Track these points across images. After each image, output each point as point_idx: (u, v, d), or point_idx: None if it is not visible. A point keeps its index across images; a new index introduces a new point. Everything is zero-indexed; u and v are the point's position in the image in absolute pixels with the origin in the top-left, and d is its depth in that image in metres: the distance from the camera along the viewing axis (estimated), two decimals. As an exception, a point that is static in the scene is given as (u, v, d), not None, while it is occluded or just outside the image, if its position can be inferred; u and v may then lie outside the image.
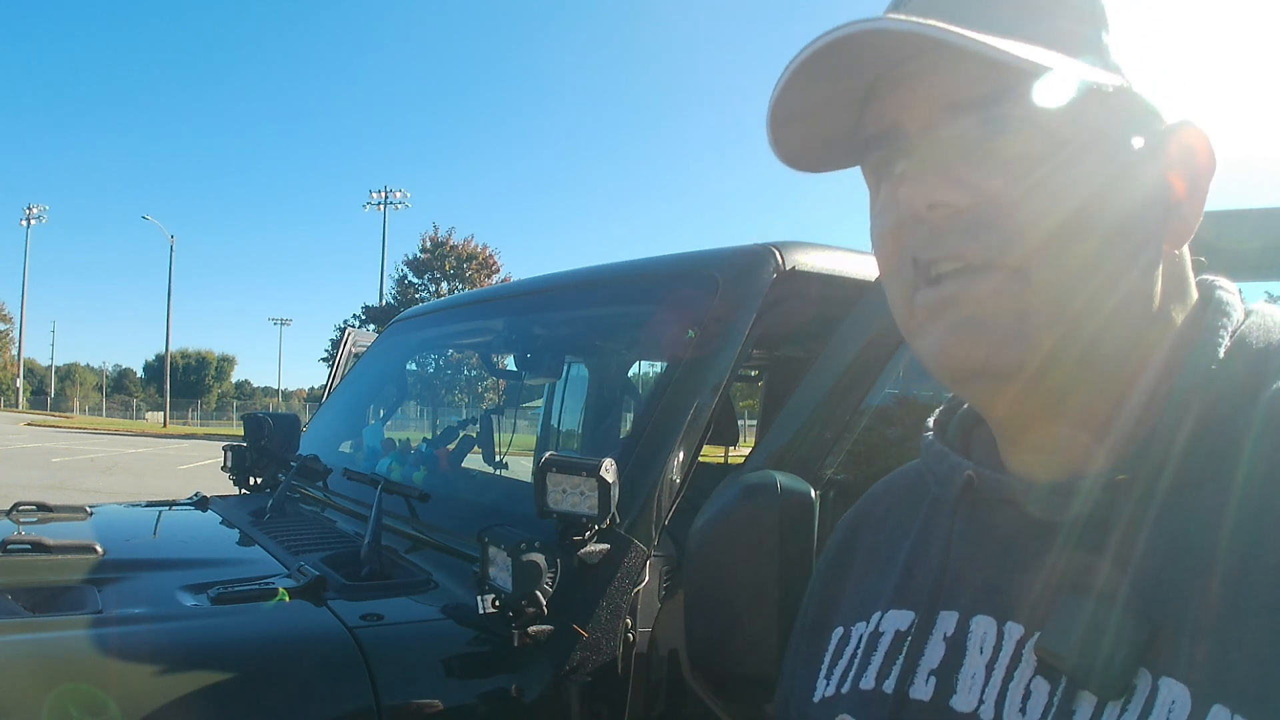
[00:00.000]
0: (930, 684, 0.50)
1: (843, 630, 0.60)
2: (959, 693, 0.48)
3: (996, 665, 0.47)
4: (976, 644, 0.49)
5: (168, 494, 2.40)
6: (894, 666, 0.52)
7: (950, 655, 0.50)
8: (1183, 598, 0.41)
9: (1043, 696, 0.44)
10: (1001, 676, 0.47)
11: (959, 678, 0.49)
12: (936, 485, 0.57)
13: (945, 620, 0.51)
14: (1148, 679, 0.40)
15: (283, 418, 2.23)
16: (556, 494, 1.10)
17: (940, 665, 0.50)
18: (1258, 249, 0.97)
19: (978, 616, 0.50)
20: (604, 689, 1.11)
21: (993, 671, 0.47)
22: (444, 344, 2.65)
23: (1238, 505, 0.42)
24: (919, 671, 0.51)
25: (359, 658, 1.01)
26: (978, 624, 0.49)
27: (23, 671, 0.90)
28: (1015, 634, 0.47)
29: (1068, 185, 0.44)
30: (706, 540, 0.91)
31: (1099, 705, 0.41)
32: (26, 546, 1.30)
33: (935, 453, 0.58)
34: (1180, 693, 0.39)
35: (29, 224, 50.17)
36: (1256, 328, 0.48)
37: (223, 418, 52.97)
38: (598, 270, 1.82)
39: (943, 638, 0.51)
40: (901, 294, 0.49)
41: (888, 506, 0.64)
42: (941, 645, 0.50)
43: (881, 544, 0.62)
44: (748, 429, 4.25)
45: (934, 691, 0.49)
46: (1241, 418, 0.44)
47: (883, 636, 0.55)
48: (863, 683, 0.54)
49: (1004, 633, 0.48)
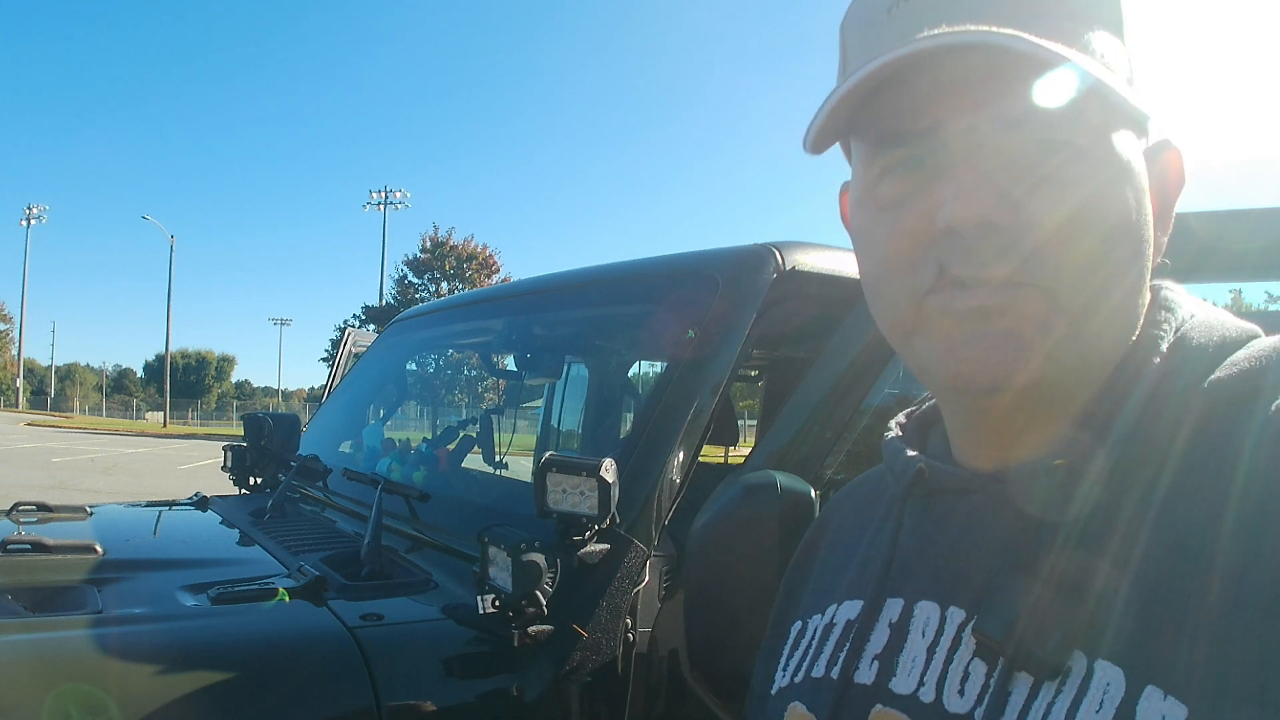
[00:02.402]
0: (873, 668, 0.51)
1: (800, 624, 0.62)
2: (899, 675, 0.49)
3: (938, 648, 0.48)
4: (919, 628, 0.50)
5: (168, 494, 2.40)
6: (841, 654, 0.54)
7: (894, 640, 0.51)
8: (1115, 578, 0.42)
9: (980, 678, 0.45)
10: (942, 659, 0.48)
11: (899, 660, 0.50)
12: (893, 481, 0.58)
13: (891, 607, 0.53)
14: (1083, 661, 0.41)
15: (283, 418, 2.23)
16: (556, 494, 1.10)
17: (884, 650, 0.51)
18: (1258, 249, 0.97)
19: (922, 602, 0.51)
20: (604, 689, 1.11)
21: (934, 654, 0.48)
22: (444, 344, 2.65)
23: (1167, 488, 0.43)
24: (864, 656, 0.52)
25: (359, 658, 1.01)
26: (921, 609, 0.51)
27: (23, 671, 0.90)
28: (957, 618, 0.48)
29: (1102, 210, 0.44)
30: (707, 540, 0.91)
31: (1034, 685, 0.42)
32: (27, 546, 1.30)
33: (892, 449, 0.59)
34: (1115, 675, 0.40)
35: (29, 224, 50.19)
36: (1198, 325, 0.49)
37: (223, 418, 53.01)
38: (598, 270, 1.82)
39: (888, 624, 0.52)
40: (907, 293, 0.48)
41: (853, 505, 0.66)
42: (886, 631, 0.52)
43: (841, 541, 0.64)
44: (748, 429, 4.25)
45: (876, 674, 0.51)
46: (1170, 408, 0.46)
47: (835, 627, 0.57)
48: (814, 671, 0.56)
49: (946, 617, 0.49)
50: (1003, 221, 0.44)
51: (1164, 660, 0.39)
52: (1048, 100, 0.42)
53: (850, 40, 0.53)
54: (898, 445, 0.59)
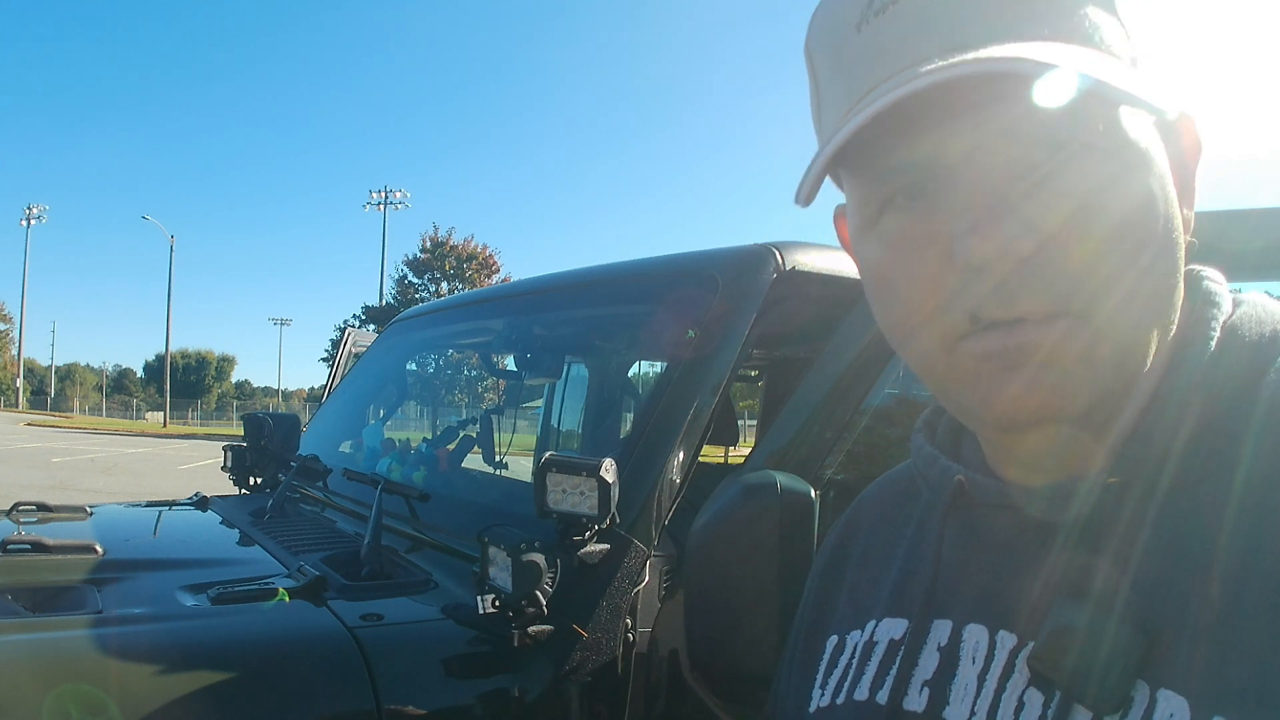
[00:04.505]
0: (924, 695, 0.49)
1: (837, 638, 0.59)
2: (952, 704, 0.47)
3: (989, 676, 0.46)
4: (969, 654, 0.48)
5: (168, 494, 2.40)
6: (887, 677, 0.52)
7: (944, 665, 0.49)
8: (1182, 603, 0.39)
9: (1036, 708, 0.43)
10: (994, 688, 0.45)
11: (952, 688, 0.47)
12: (928, 490, 0.56)
13: (939, 629, 0.50)
14: (1145, 691, 0.39)
15: (283, 418, 2.23)
16: (556, 494, 1.10)
17: (934, 676, 0.49)
18: (1258, 249, 0.97)
19: (970, 625, 0.49)
20: (604, 689, 1.11)
21: (984, 682, 0.46)
22: (444, 344, 2.65)
23: (1237, 505, 0.40)
24: (913, 682, 0.50)
25: (359, 658, 1.01)
26: (970, 633, 0.48)
27: (23, 671, 0.90)
28: (1008, 644, 0.46)
29: (1127, 214, 0.41)
30: (707, 540, 0.91)
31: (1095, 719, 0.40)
32: (27, 546, 1.30)
33: (926, 456, 0.57)
34: (1179, 705, 0.38)
35: (29, 224, 50.21)
36: (1248, 319, 0.46)
37: (223, 418, 53.01)
38: (598, 270, 1.82)
39: (936, 647, 0.50)
40: (937, 339, 0.44)
41: (882, 510, 0.63)
42: (935, 655, 0.49)
43: (875, 548, 0.61)
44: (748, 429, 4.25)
45: (927, 702, 0.48)
46: (1237, 414, 0.42)
47: (877, 646, 0.54)
48: (856, 693, 0.54)
49: (996, 642, 0.47)
50: (1025, 250, 0.40)
51: (1231, 687, 0.36)
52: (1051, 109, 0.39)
53: (820, 61, 0.48)
54: (930, 453, 0.56)
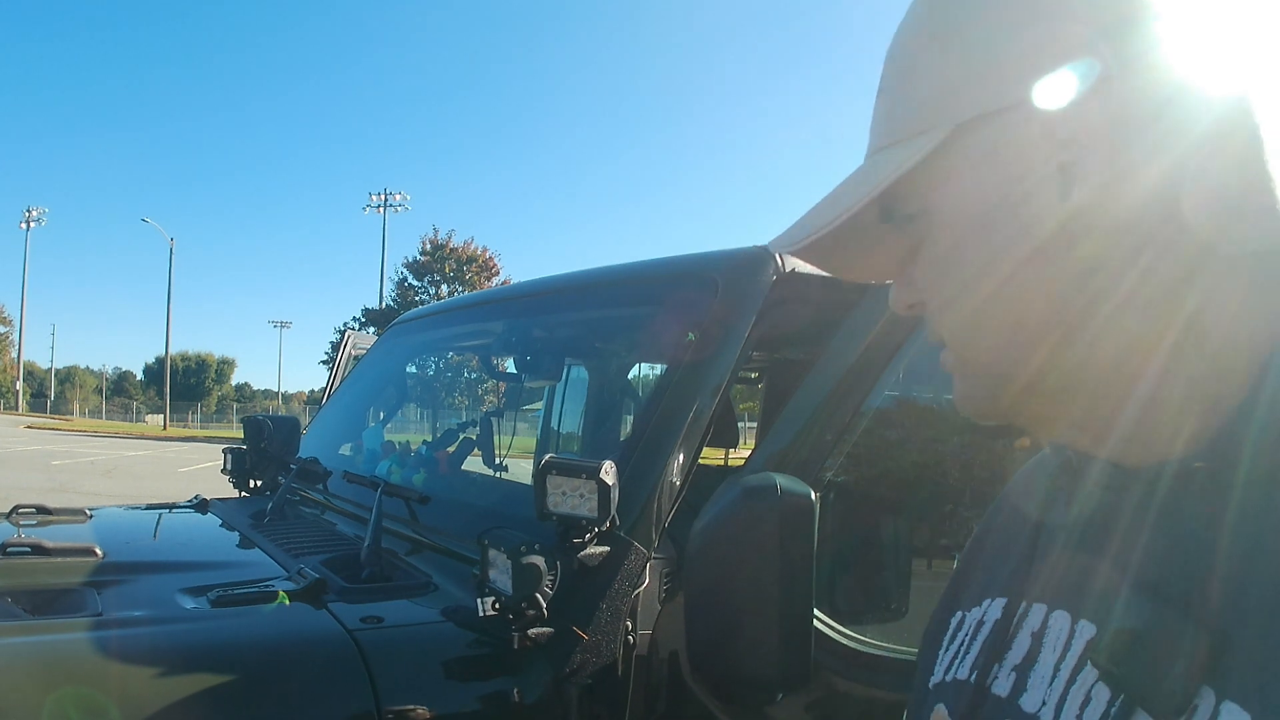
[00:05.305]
0: (1010, 679, 0.48)
1: (960, 615, 0.59)
2: (1029, 691, 0.46)
3: (1063, 665, 0.44)
4: (1052, 642, 0.46)
5: (168, 496, 2.40)
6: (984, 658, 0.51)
7: (1032, 650, 0.48)
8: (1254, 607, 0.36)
9: (1101, 705, 0.41)
10: (1065, 678, 0.44)
11: (1031, 675, 0.47)
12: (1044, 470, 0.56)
13: (1034, 613, 0.49)
14: (1210, 699, 0.36)
15: (283, 420, 2.23)
16: (556, 496, 1.10)
17: (1022, 661, 0.48)
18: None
19: (1057, 611, 0.47)
20: (604, 691, 1.11)
21: (1059, 671, 0.45)
22: (444, 346, 2.65)
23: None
24: (1004, 665, 0.49)
25: (359, 660, 1.01)
26: (1056, 619, 0.47)
27: (22, 674, 0.90)
28: (1086, 634, 0.44)
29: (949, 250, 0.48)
30: (707, 542, 0.91)
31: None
32: (26, 549, 1.30)
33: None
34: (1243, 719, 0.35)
35: (29, 226, 50.18)
36: None
37: (223, 420, 53.00)
38: (597, 273, 1.82)
39: (1030, 632, 0.49)
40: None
41: (1025, 486, 0.61)
42: (1028, 639, 0.48)
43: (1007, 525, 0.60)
44: (748, 431, 4.25)
45: (1011, 688, 0.48)
46: None
47: (984, 626, 0.54)
48: (959, 672, 0.54)
49: (1075, 630, 0.45)
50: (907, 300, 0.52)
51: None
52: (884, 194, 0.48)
53: None
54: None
